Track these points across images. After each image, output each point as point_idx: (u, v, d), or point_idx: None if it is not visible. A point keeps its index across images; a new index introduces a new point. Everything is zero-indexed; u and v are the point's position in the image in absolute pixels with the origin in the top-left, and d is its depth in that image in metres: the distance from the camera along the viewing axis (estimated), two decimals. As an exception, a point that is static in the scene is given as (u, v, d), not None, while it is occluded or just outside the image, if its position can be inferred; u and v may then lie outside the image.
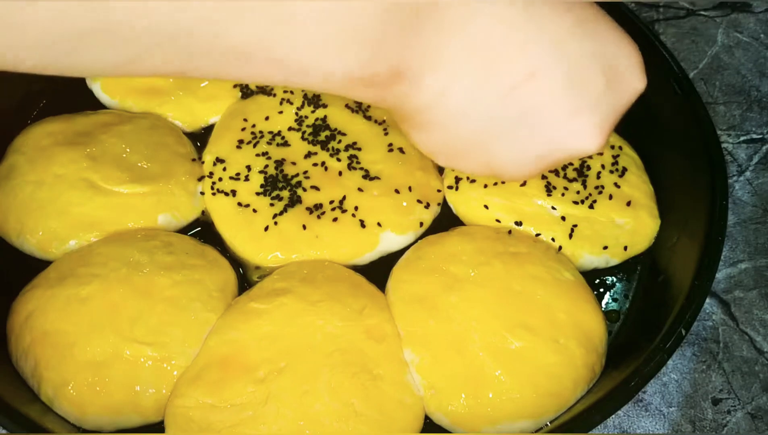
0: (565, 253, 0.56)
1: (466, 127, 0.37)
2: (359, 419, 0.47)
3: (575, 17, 0.35)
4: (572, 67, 0.35)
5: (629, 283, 0.58)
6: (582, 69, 0.35)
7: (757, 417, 0.55)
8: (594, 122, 0.36)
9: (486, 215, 0.58)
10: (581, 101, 0.35)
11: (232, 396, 0.48)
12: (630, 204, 0.58)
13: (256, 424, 0.47)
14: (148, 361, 0.49)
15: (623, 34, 0.37)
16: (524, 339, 0.50)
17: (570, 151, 0.38)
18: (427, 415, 0.50)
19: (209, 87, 0.65)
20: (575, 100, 0.35)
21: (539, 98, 0.35)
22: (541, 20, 0.34)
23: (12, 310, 0.53)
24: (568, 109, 0.35)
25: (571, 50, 0.35)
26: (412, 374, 0.50)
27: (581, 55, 0.35)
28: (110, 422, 0.49)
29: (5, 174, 0.59)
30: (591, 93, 0.35)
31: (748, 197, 0.67)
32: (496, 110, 0.36)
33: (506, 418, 0.48)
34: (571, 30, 0.35)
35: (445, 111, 0.36)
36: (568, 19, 0.35)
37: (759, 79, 0.76)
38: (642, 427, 0.54)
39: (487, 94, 0.35)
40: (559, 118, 0.36)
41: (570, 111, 0.36)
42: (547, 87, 0.35)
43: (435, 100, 0.36)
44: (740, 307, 0.60)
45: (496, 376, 0.49)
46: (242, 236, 0.56)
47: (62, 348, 0.49)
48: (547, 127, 0.36)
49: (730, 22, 0.81)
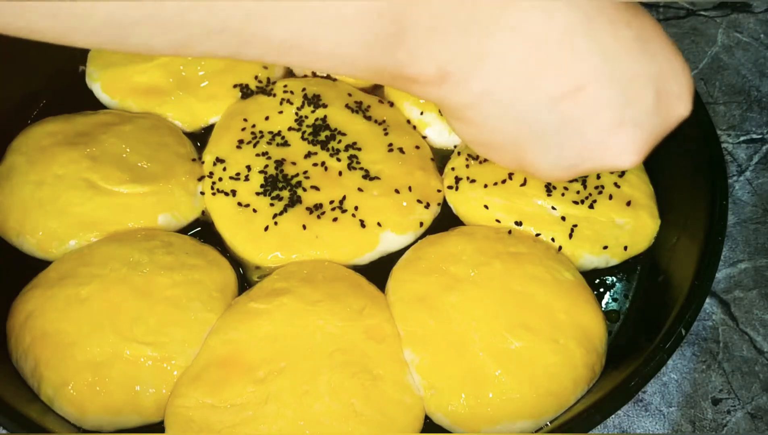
0: (565, 253, 0.56)
1: (504, 127, 0.36)
2: (359, 419, 0.47)
3: (635, 34, 0.34)
4: (624, 85, 0.34)
5: (629, 283, 0.58)
6: (633, 88, 0.34)
7: (757, 417, 0.55)
8: (634, 140, 0.35)
9: (486, 215, 0.58)
10: (626, 117, 0.35)
11: (232, 396, 0.48)
12: (630, 204, 0.58)
13: (256, 424, 0.47)
14: (148, 361, 0.49)
15: (678, 56, 0.36)
16: (524, 339, 0.50)
17: (604, 165, 0.37)
18: (427, 415, 0.50)
19: (209, 87, 0.65)
20: (620, 114, 0.35)
21: (584, 111, 0.35)
22: (599, 32, 0.33)
23: (12, 310, 0.53)
24: (611, 122, 0.35)
25: (625, 68, 0.34)
26: (412, 374, 0.50)
27: (635, 74, 0.34)
28: (110, 422, 0.49)
29: (5, 174, 0.59)
30: (638, 111, 0.35)
31: (748, 197, 0.67)
32: (538, 116, 0.35)
33: (506, 418, 0.48)
34: (629, 46, 0.34)
35: (486, 110, 0.36)
36: (627, 35, 0.34)
37: (759, 79, 0.76)
38: (642, 427, 0.54)
39: (530, 100, 0.34)
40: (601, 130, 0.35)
41: (613, 125, 0.35)
42: (593, 101, 0.34)
43: (478, 100, 0.35)
44: (740, 307, 0.60)
45: (496, 376, 0.49)
46: (242, 236, 0.56)
47: (62, 348, 0.49)
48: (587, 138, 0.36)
49: (730, 22, 0.81)
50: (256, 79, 0.66)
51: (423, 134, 0.65)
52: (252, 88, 0.66)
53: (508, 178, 0.59)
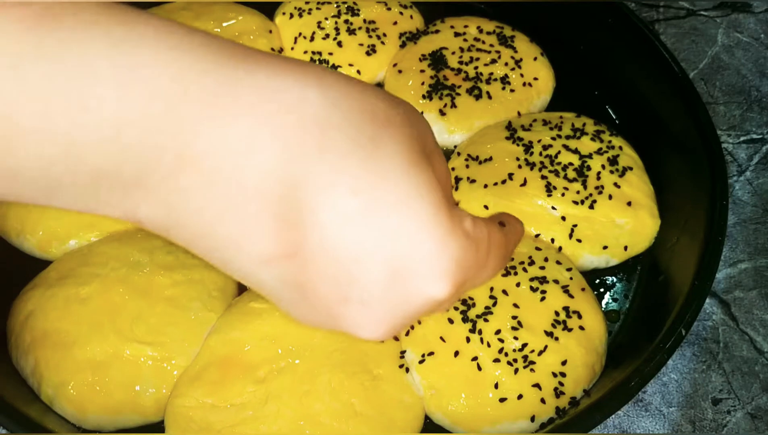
0: (565, 253, 0.56)
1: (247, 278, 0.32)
2: (359, 419, 0.47)
3: (362, 206, 0.27)
4: (345, 261, 0.29)
5: (629, 283, 0.58)
6: (357, 265, 0.29)
7: (757, 417, 0.55)
8: (364, 317, 0.30)
9: (486, 215, 0.58)
10: (351, 294, 0.29)
11: (232, 396, 0.48)
12: (630, 204, 0.58)
13: (256, 424, 0.47)
14: (148, 360, 0.49)
15: (432, 231, 0.28)
16: (524, 339, 0.50)
17: (351, 333, 0.32)
18: (427, 415, 0.50)
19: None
20: (344, 291, 0.29)
21: (302, 277, 0.29)
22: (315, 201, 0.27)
23: (12, 310, 0.53)
24: (334, 297, 0.30)
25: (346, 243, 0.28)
26: (412, 374, 0.50)
27: (358, 251, 0.28)
28: (110, 422, 0.49)
29: (5, 174, 0.59)
30: (364, 290, 0.29)
31: (748, 197, 0.67)
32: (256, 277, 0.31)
33: (506, 418, 0.48)
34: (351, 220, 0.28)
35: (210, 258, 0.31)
36: (350, 207, 0.27)
37: (759, 79, 0.76)
38: (642, 427, 0.54)
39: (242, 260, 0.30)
40: (327, 301, 0.30)
41: (336, 299, 0.30)
42: (307, 270, 0.29)
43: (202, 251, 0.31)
44: (740, 307, 0.60)
45: (496, 376, 0.49)
46: (242, 236, 0.56)
47: (62, 348, 0.49)
48: (315, 305, 0.31)
49: (730, 22, 0.81)
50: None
51: (423, 134, 0.64)
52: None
53: (508, 178, 0.59)
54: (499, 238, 0.33)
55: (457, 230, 0.29)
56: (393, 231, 0.28)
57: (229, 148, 0.26)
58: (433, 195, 0.28)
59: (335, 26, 0.70)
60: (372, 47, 0.70)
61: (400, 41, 0.71)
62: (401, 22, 0.72)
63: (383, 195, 0.27)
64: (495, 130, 0.63)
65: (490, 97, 0.65)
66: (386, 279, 0.29)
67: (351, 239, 0.28)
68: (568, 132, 0.62)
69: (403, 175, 0.28)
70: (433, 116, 0.64)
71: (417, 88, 0.66)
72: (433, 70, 0.67)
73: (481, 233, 0.31)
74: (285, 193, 0.27)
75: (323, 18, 0.71)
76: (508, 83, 0.67)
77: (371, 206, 0.27)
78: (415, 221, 0.28)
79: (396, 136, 0.28)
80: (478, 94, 0.65)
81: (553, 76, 0.69)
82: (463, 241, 0.29)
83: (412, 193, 0.28)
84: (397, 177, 0.27)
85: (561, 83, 0.70)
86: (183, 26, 0.27)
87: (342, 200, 0.27)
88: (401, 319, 0.31)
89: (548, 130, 0.62)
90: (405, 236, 0.28)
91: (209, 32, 0.27)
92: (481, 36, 0.70)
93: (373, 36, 0.70)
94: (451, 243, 0.29)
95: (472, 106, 0.65)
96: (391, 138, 0.28)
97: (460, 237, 0.29)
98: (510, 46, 0.69)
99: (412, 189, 0.28)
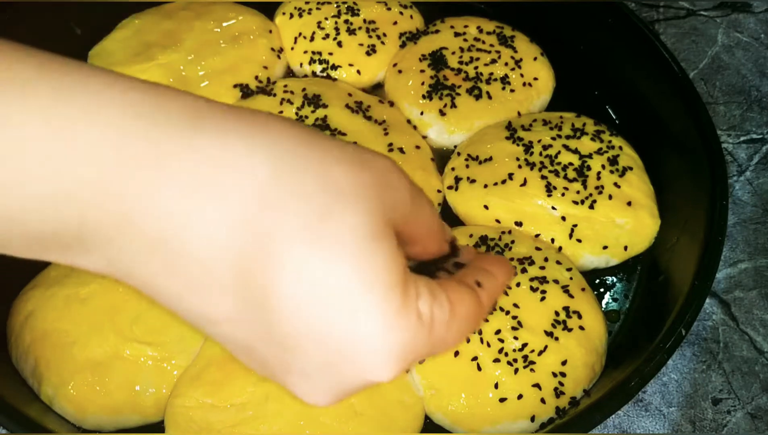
0: (565, 253, 0.56)
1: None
2: (359, 419, 0.47)
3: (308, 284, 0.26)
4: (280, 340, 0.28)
5: (629, 283, 0.58)
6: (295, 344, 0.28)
7: (757, 417, 0.55)
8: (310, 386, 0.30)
9: (486, 215, 0.58)
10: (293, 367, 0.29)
11: (232, 396, 0.48)
12: (630, 204, 0.58)
13: (256, 424, 0.47)
14: (148, 360, 0.49)
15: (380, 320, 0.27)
16: (524, 339, 0.50)
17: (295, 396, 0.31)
18: (427, 415, 0.50)
19: (210, 87, 0.65)
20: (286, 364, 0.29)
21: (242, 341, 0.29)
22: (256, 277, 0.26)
23: (12, 310, 0.53)
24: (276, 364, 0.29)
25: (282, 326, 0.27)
26: (412, 374, 0.50)
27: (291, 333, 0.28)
28: (110, 422, 0.49)
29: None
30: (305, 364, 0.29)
31: (748, 197, 0.67)
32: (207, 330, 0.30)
33: (506, 418, 0.48)
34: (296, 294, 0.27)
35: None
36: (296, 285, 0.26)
37: (759, 79, 0.76)
38: (642, 427, 0.54)
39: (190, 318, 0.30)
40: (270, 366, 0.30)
41: (279, 369, 0.30)
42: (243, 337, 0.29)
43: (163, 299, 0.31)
44: (740, 307, 0.60)
45: (496, 376, 0.49)
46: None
47: (62, 348, 0.49)
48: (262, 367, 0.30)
49: (730, 22, 0.81)
50: (257, 79, 0.66)
51: (423, 134, 0.65)
52: (252, 88, 0.66)
53: (508, 178, 0.59)
54: (465, 309, 0.31)
55: (409, 313, 0.27)
56: (338, 311, 0.27)
57: (171, 220, 0.25)
58: (386, 274, 0.27)
59: (335, 26, 0.70)
60: (372, 47, 0.70)
61: (400, 41, 0.71)
62: (401, 22, 0.72)
63: (329, 275, 0.26)
64: (495, 130, 0.63)
65: (490, 97, 0.65)
66: (327, 357, 0.28)
67: (295, 316, 0.27)
68: (568, 132, 0.62)
69: (354, 253, 0.26)
70: (433, 116, 0.64)
71: (417, 88, 0.66)
72: (433, 70, 0.67)
73: (439, 312, 0.29)
74: (230, 263, 0.26)
75: (323, 18, 0.71)
76: (508, 83, 0.67)
77: (317, 287, 0.26)
78: (363, 302, 0.27)
79: (350, 209, 0.26)
80: (478, 94, 0.65)
81: (553, 76, 0.69)
82: (413, 323, 0.28)
83: (362, 274, 0.26)
84: (347, 255, 0.26)
85: (561, 83, 0.70)
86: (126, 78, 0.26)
87: (287, 279, 0.26)
88: (347, 392, 0.30)
89: (548, 130, 0.62)
90: (348, 316, 0.27)
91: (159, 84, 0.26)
92: (481, 36, 0.70)
93: (373, 36, 0.70)
94: (399, 326, 0.27)
95: (472, 106, 0.65)
96: (344, 211, 0.26)
97: (412, 319, 0.28)
98: (510, 46, 0.69)
99: (363, 268, 0.26)
